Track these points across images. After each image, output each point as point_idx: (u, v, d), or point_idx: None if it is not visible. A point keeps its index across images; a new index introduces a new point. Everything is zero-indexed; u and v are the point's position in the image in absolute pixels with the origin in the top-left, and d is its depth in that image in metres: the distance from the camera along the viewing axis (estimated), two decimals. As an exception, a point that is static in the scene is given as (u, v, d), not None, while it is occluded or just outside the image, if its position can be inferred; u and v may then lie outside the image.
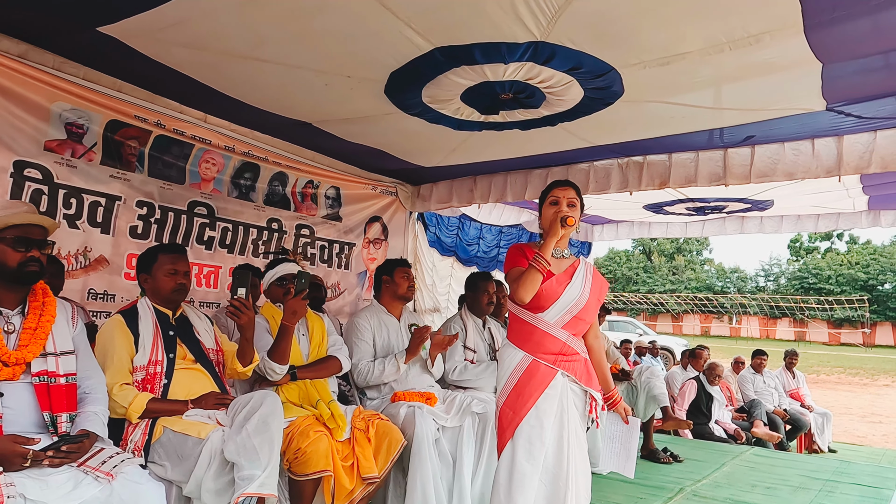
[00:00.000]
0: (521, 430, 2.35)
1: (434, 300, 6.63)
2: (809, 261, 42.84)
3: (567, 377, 2.44)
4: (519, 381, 2.40)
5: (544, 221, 2.56)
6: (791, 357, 8.01)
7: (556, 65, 2.93)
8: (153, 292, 2.72)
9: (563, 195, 2.54)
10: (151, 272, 2.72)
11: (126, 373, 2.49)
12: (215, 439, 2.25)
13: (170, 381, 2.57)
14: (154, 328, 2.62)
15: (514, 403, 2.38)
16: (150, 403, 2.43)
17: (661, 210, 7.00)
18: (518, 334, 2.48)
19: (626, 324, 21.25)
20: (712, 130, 4.01)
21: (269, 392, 2.48)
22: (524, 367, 2.41)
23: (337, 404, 2.86)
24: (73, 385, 2.17)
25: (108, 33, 2.80)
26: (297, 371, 2.98)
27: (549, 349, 2.43)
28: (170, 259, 2.72)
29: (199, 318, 2.88)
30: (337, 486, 2.51)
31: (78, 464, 1.94)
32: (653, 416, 5.17)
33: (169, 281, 2.69)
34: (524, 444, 2.34)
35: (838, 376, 19.39)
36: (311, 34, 2.70)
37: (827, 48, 2.75)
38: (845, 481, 4.64)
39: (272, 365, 2.87)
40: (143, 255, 2.81)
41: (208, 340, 2.81)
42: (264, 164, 4.59)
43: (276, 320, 3.00)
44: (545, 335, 2.43)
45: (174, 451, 2.31)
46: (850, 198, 5.94)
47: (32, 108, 3.24)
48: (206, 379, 2.67)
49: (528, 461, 2.32)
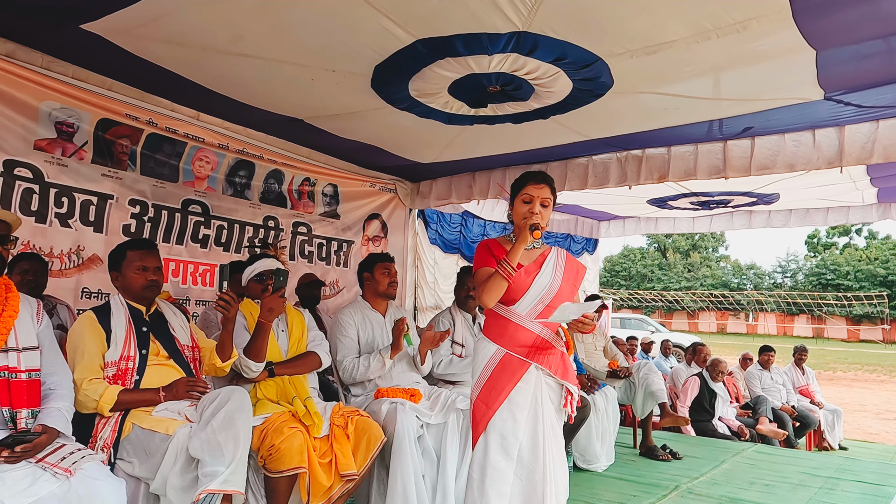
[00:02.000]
0: (493, 424, 2.33)
1: (436, 298, 6.60)
2: (827, 256, 42.32)
3: (541, 370, 2.41)
4: (492, 375, 2.38)
5: (516, 217, 2.51)
6: (800, 353, 7.88)
7: (541, 55, 2.89)
8: (124, 289, 2.68)
9: (538, 194, 2.48)
10: (121, 269, 2.66)
11: (96, 368, 2.47)
12: (181, 436, 2.23)
13: (141, 376, 2.53)
14: (127, 324, 2.59)
15: (486, 397, 2.37)
16: (121, 395, 2.40)
17: (666, 205, 6.94)
18: (492, 328, 2.46)
19: (638, 321, 21.08)
20: (711, 122, 3.95)
21: (236, 388, 2.45)
22: (497, 360, 2.39)
23: (313, 401, 2.83)
24: (35, 381, 2.15)
25: (92, 31, 2.80)
26: (275, 367, 2.95)
27: (523, 342, 2.40)
28: (138, 255, 2.66)
29: (174, 314, 2.83)
30: (313, 484, 2.49)
31: (36, 460, 1.92)
32: (651, 412, 5.11)
33: (139, 278, 2.64)
34: (497, 438, 2.32)
35: (855, 373, 19.10)
36: (287, 27, 2.68)
37: (819, 34, 2.68)
38: (847, 478, 4.54)
39: (248, 362, 2.84)
40: (112, 252, 2.76)
41: (183, 337, 2.77)
42: (259, 161, 4.59)
43: (253, 317, 2.97)
44: (518, 328, 2.41)
45: (142, 447, 2.29)
46: (857, 190, 5.84)
47: (21, 107, 3.26)
48: (179, 375, 2.63)
49: (502, 455, 2.30)
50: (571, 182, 4.89)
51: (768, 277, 45.80)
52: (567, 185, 4.91)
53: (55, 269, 3.50)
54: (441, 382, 3.71)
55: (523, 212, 2.47)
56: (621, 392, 5.09)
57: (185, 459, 2.19)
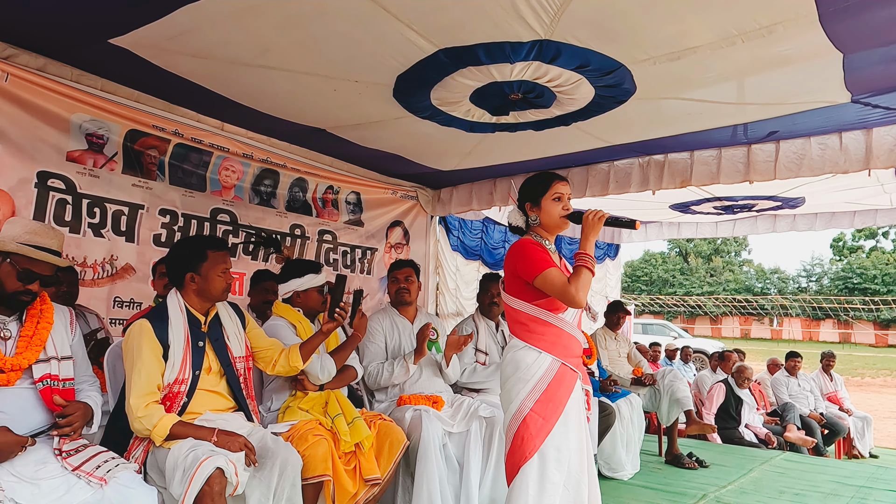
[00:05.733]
0: (551, 438, 2.26)
1: (458, 304, 6.60)
2: (853, 260, 41.50)
3: (580, 379, 2.40)
4: (549, 387, 2.29)
5: (548, 217, 2.47)
6: (828, 359, 7.75)
7: (563, 63, 2.89)
8: (200, 293, 2.49)
9: (566, 192, 2.49)
10: (200, 271, 2.46)
11: (154, 390, 2.31)
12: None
13: (190, 399, 2.41)
14: (185, 340, 2.42)
15: (543, 410, 2.28)
16: (174, 427, 2.27)
17: (689, 210, 6.88)
18: (542, 337, 2.35)
19: (660, 327, 20.89)
20: (734, 126, 3.91)
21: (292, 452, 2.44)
22: (554, 372, 2.31)
23: (362, 423, 2.80)
24: (70, 390, 2.18)
25: (120, 45, 2.86)
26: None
27: (574, 352, 2.37)
28: (222, 257, 2.51)
29: (231, 319, 2.65)
30: (339, 490, 2.50)
31: (72, 468, 1.96)
32: (676, 420, 5.05)
33: (221, 281, 2.49)
34: (553, 452, 2.26)
35: (884, 379, 18.72)
36: (312, 40, 2.71)
37: (846, 37, 2.65)
38: (880, 487, 4.44)
39: (330, 364, 2.87)
40: (183, 251, 2.54)
41: (237, 348, 2.61)
42: (283, 170, 4.64)
43: (302, 325, 3.00)
44: (571, 338, 2.36)
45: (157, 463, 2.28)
46: (885, 193, 5.75)
47: (53, 119, 3.34)
48: (225, 400, 2.56)
49: (558, 469, 2.26)
50: (593, 188, 4.88)
51: (793, 282, 45.03)
52: (588, 191, 4.89)
53: (88, 278, 3.57)
54: (465, 391, 3.71)
55: (557, 210, 2.46)
56: (646, 399, 5.05)
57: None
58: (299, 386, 2.91)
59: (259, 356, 2.74)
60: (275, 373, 2.76)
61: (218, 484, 2.05)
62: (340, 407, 2.86)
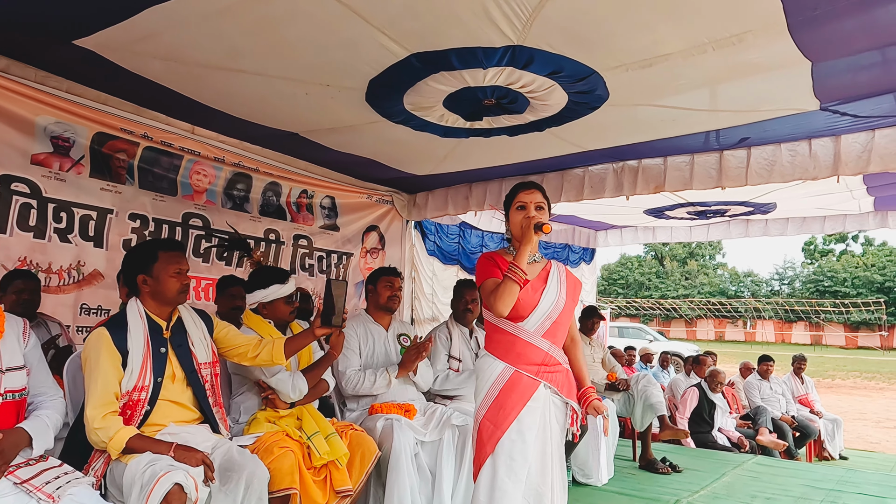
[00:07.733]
0: (501, 445, 2.25)
1: (434, 310, 6.58)
2: (824, 263, 42.29)
3: (549, 389, 2.36)
4: (500, 394, 2.30)
5: (513, 227, 2.46)
6: (799, 362, 7.86)
7: (536, 69, 2.89)
8: (154, 295, 2.42)
9: (531, 199, 2.43)
10: (152, 273, 2.40)
11: (112, 400, 2.24)
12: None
13: (152, 407, 2.34)
14: (145, 346, 2.35)
15: (494, 417, 2.29)
16: (131, 441, 2.20)
17: (663, 215, 6.95)
18: (498, 345, 2.39)
19: (636, 330, 21.05)
20: (707, 133, 3.95)
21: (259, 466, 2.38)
22: (505, 379, 2.31)
23: (338, 439, 2.73)
24: (13, 402, 2.07)
25: (85, 46, 2.79)
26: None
27: (532, 360, 2.35)
28: (174, 257, 2.44)
29: (195, 324, 2.57)
30: (307, 503, 2.45)
31: (20, 481, 1.86)
32: (650, 425, 5.08)
33: (175, 282, 2.42)
34: (505, 460, 2.24)
35: (854, 380, 19.08)
36: (283, 43, 2.67)
37: (814, 46, 2.69)
38: (850, 491, 4.50)
39: (303, 385, 2.78)
40: (136, 254, 2.48)
41: (202, 353, 2.53)
42: (256, 174, 4.58)
43: (266, 333, 2.88)
44: (527, 345, 2.35)
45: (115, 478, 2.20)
46: (854, 199, 5.86)
47: (16, 121, 3.26)
48: (190, 412, 2.48)
49: (510, 477, 2.22)
50: (568, 193, 4.89)
51: (766, 285, 45.76)
52: (563, 196, 4.91)
53: (53, 285, 3.48)
54: (438, 398, 3.67)
55: (520, 219, 2.41)
56: (620, 404, 5.06)
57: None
58: (270, 405, 2.83)
59: (235, 353, 2.65)
60: (256, 363, 2.65)
61: (177, 500, 1.98)
62: (315, 423, 2.79)
